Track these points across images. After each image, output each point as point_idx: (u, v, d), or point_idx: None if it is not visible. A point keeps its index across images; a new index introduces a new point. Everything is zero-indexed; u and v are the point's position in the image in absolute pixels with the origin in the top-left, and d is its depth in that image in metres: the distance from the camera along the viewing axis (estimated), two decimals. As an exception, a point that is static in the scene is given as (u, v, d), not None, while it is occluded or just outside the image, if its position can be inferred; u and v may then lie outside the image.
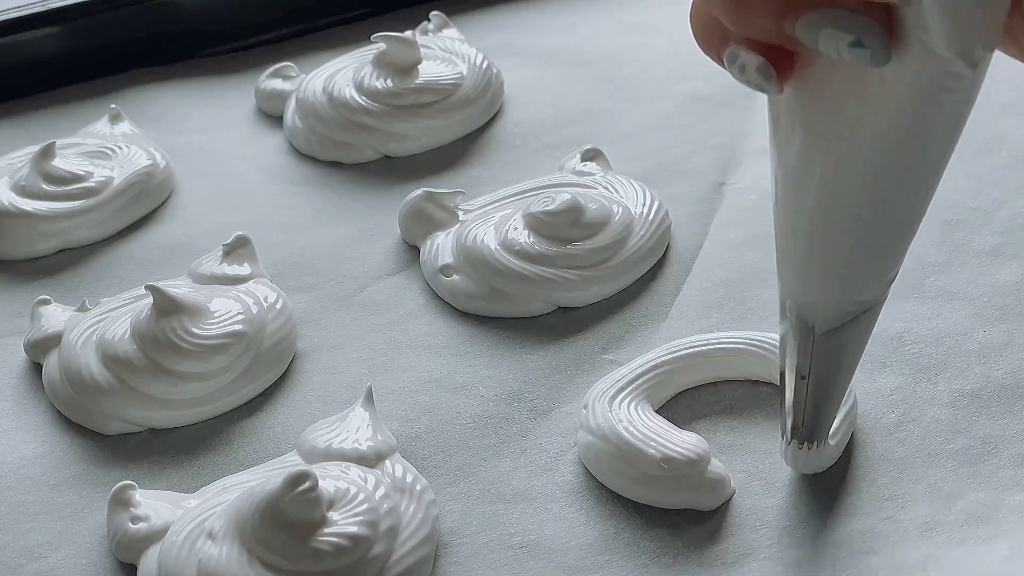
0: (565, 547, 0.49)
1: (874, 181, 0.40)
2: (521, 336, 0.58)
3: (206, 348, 0.55)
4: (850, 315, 0.45)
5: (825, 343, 0.45)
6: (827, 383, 0.47)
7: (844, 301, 0.44)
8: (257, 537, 0.46)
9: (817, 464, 0.49)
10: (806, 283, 0.44)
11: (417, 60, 0.70)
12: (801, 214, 0.42)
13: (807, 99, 0.40)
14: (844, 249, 0.43)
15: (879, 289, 0.44)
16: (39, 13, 0.74)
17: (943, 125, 0.39)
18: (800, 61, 0.39)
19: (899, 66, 0.37)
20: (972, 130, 0.65)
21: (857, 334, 0.46)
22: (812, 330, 0.45)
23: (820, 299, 0.44)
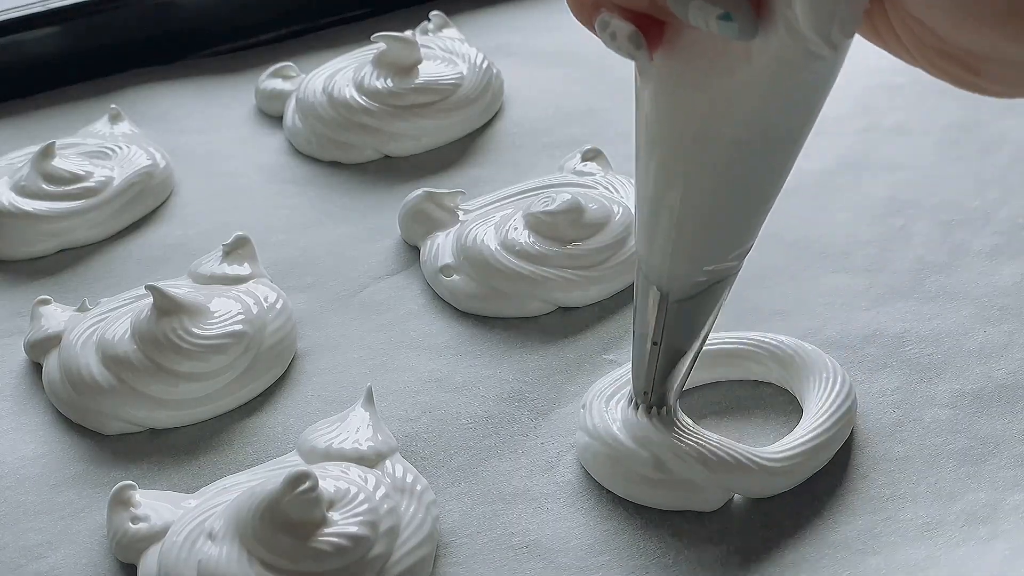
0: (565, 547, 0.49)
1: (732, 156, 0.41)
2: (521, 336, 0.58)
3: (206, 348, 0.55)
4: (703, 285, 0.46)
5: (677, 311, 0.46)
6: (678, 350, 0.48)
7: (698, 272, 0.45)
8: (257, 537, 0.46)
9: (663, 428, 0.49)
10: (662, 253, 0.45)
11: (417, 60, 0.70)
12: (659, 185, 0.43)
13: (673, 70, 0.40)
14: (700, 222, 0.44)
15: (732, 261, 0.45)
16: (39, 13, 0.74)
17: (802, 104, 0.40)
18: (669, 31, 0.39)
19: (763, 42, 0.37)
20: (972, 130, 0.66)
21: (709, 303, 0.47)
22: (666, 298, 0.46)
23: (675, 269, 0.45)
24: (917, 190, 0.63)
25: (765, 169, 0.42)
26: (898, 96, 0.69)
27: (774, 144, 0.41)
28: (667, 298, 0.46)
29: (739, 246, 0.45)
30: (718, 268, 0.45)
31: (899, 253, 0.60)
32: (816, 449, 0.50)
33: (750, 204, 0.43)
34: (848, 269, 0.59)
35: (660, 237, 0.44)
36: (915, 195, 0.63)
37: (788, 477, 0.49)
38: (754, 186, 0.43)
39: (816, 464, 0.50)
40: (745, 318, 0.57)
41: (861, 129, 0.68)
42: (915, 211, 0.62)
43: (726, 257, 0.45)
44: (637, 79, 0.42)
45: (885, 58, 0.75)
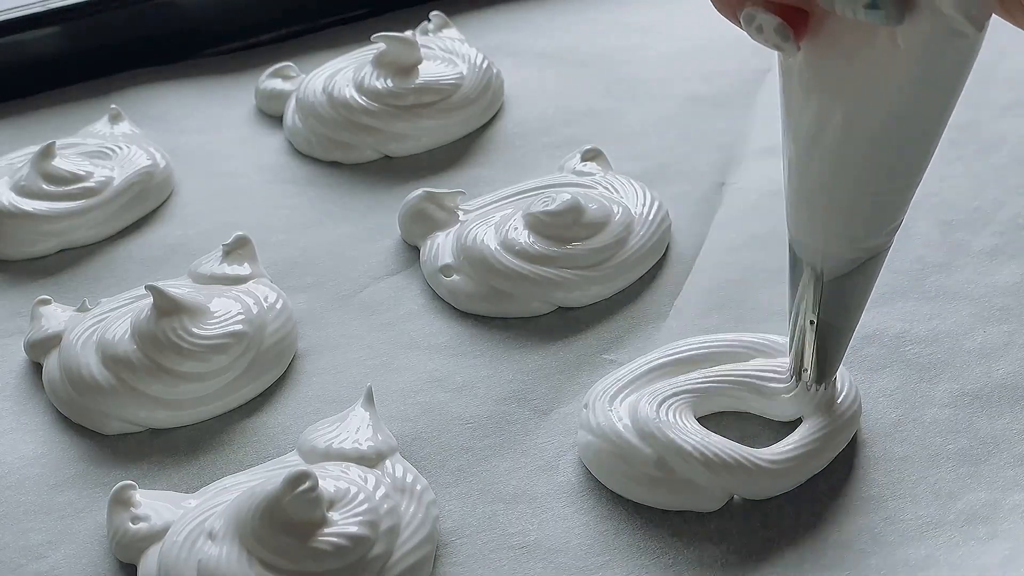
0: (565, 547, 0.49)
1: (882, 136, 0.42)
2: (521, 336, 0.58)
3: (206, 348, 0.55)
4: (857, 262, 0.47)
5: (833, 289, 0.47)
6: (834, 328, 0.49)
7: (852, 249, 0.46)
8: (257, 537, 0.46)
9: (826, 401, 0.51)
10: (815, 232, 0.46)
11: (417, 60, 0.70)
12: (811, 168, 0.44)
13: (819, 58, 0.41)
14: (853, 199, 0.45)
15: (885, 236, 0.46)
16: (39, 13, 0.74)
17: (947, 83, 0.41)
18: (813, 21, 0.41)
19: (908, 26, 0.39)
20: (972, 130, 0.66)
21: (864, 280, 0.47)
22: (821, 276, 0.47)
23: (829, 247, 0.46)
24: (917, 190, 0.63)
25: (911, 148, 0.43)
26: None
27: (919, 124, 0.42)
28: (822, 276, 0.47)
29: (891, 222, 0.46)
30: (871, 245, 0.46)
31: (899, 253, 0.60)
32: (818, 451, 0.50)
33: (899, 182, 0.44)
34: (848, 269, 0.59)
35: (812, 216, 0.46)
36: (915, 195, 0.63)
37: (790, 478, 0.49)
38: (901, 164, 0.44)
39: (818, 465, 0.50)
40: (745, 318, 0.57)
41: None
42: (915, 211, 0.62)
43: (879, 234, 0.46)
44: (782, 62, 0.43)
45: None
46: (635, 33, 0.77)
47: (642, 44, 0.76)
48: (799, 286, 0.48)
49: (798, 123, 0.44)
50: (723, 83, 0.72)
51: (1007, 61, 0.70)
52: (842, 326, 0.49)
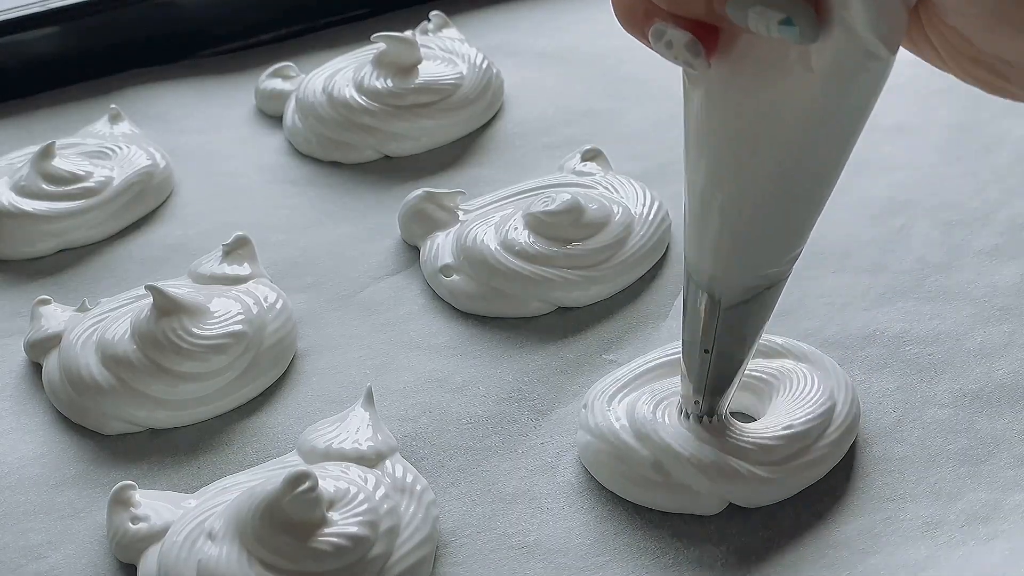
0: (565, 547, 0.49)
1: (785, 159, 0.41)
2: (521, 336, 0.58)
3: (206, 348, 0.55)
4: (755, 290, 0.46)
5: (729, 317, 0.46)
6: (730, 356, 0.48)
7: (750, 276, 0.45)
8: (257, 537, 0.46)
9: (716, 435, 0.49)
10: (715, 258, 0.45)
11: (417, 60, 0.70)
12: (713, 191, 0.43)
13: (726, 74, 0.40)
14: (753, 226, 0.43)
15: (784, 265, 0.45)
16: (39, 13, 0.74)
17: (856, 109, 0.40)
18: (723, 37, 0.39)
19: (821, 46, 0.37)
20: (972, 130, 0.66)
21: (760, 309, 0.46)
22: (718, 304, 0.46)
23: (727, 274, 0.45)
24: (917, 190, 0.63)
25: (817, 172, 0.42)
26: (898, 96, 0.69)
27: (826, 147, 0.41)
28: (719, 304, 0.46)
29: (791, 250, 0.45)
30: (770, 272, 0.45)
31: (899, 253, 0.60)
32: (817, 461, 0.49)
33: (802, 208, 0.43)
34: (848, 269, 0.59)
35: (711, 242, 0.44)
36: (915, 195, 0.63)
37: (787, 487, 0.49)
38: (806, 190, 0.43)
39: (816, 474, 0.50)
40: (745, 318, 0.57)
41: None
42: (915, 211, 0.62)
43: (779, 262, 0.45)
44: (686, 83, 0.42)
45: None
46: (635, 33, 0.77)
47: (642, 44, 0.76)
48: (693, 314, 0.47)
49: (700, 145, 0.43)
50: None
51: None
52: (736, 356, 0.48)
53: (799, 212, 0.43)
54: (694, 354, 0.48)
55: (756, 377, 0.52)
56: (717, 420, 0.49)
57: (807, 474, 0.49)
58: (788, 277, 0.46)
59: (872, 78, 0.39)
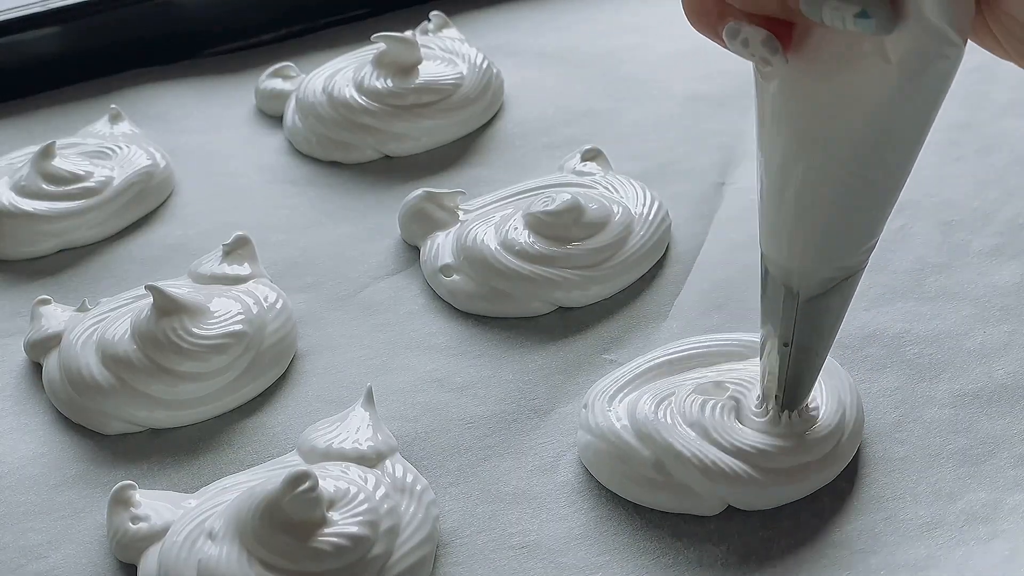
0: (565, 547, 0.49)
1: (863, 153, 0.41)
2: (521, 336, 0.58)
3: (206, 348, 0.55)
4: (832, 282, 0.46)
5: (808, 310, 0.46)
6: (809, 350, 0.48)
7: (827, 268, 0.45)
8: (257, 537, 0.46)
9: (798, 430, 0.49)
10: (791, 251, 0.45)
11: (417, 60, 0.70)
12: (789, 187, 0.43)
13: (802, 70, 0.40)
14: (830, 218, 0.44)
15: (861, 255, 0.45)
16: (39, 13, 0.74)
17: (929, 99, 0.40)
18: (797, 31, 0.40)
19: (896, 36, 0.38)
20: (972, 130, 0.66)
21: (839, 300, 0.46)
22: (796, 297, 0.46)
23: (804, 266, 0.45)
24: (917, 190, 0.63)
25: (891, 163, 0.42)
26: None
27: (899, 138, 0.41)
28: (798, 297, 0.46)
29: (867, 240, 0.45)
30: (847, 264, 0.45)
31: (899, 253, 0.60)
32: (821, 464, 0.49)
33: (877, 198, 0.44)
34: (848, 269, 0.59)
35: (788, 235, 0.45)
36: (915, 195, 0.63)
37: (788, 491, 0.49)
38: (880, 180, 0.43)
39: (820, 480, 0.49)
40: (746, 318, 0.57)
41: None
42: (915, 211, 0.62)
43: (855, 252, 0.45)
44: (758, 78, 0.42)
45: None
46: (635, 33, 0.77)
47: (642, 44, 0.76)
48: (772, 308, 0.47)
49: (774, 141, 0.43)
50: (723, 83, 0.72)
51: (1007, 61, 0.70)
52: (816, 348, 0.48)
53: (874, 202, 0.44)
54: (774, 349, 0.48)
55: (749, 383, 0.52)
56: (797, 416, 0.49)
57: (811, 480, 0.49)
58: (865, 268, 0.46)
59: (946, 66, 0.39)
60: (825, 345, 0.48)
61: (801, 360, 0.48)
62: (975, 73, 0.70)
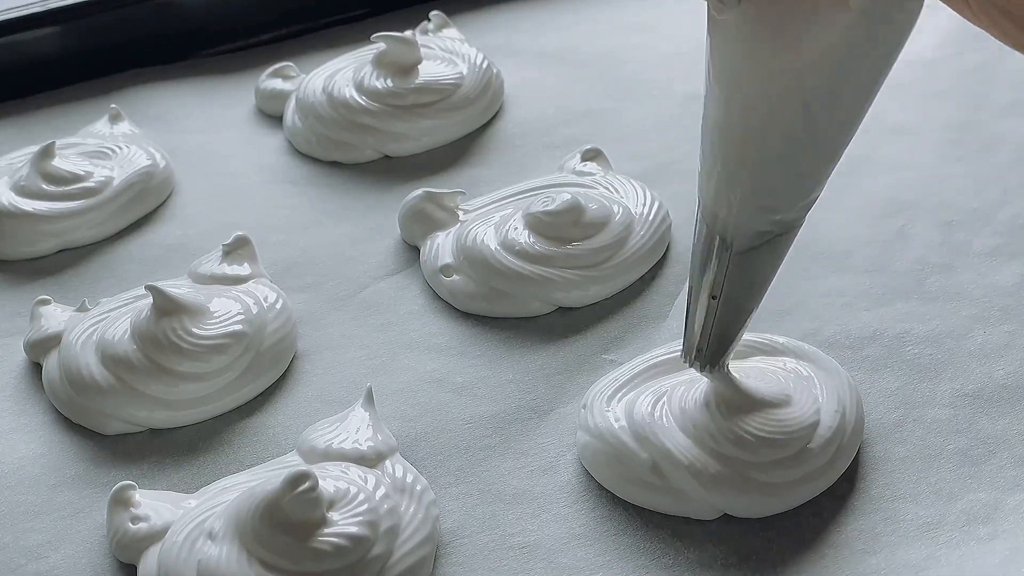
0: (565, 547, 0.49)
1: (808, 105, 0.42)
2: (521, 336, 0.58)
3: (206, 348, 0.55)
4: (767, 235, 0.46)
5: (740, 263, 0.46)
6: (737, 305, 0.48)
7: (763, 221, 0.45)
8: (257, 537, 0.46)
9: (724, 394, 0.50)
10: (729, 201, 0.45)
11: (417, 60, 0.70)
12: (735, 135, 0.43)
13: (756, 16, 0.40)
14: (772, 169, 0.44)
15: (799, 211, 0.46)
16: (39, 13, 0.74)
17: (886, 49, 0.41)
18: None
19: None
20: (972, 130, 0.66)
21: (772, 256, 0.47)
22: (729, 248, 0.46)
23: (741, 217, 0.45)
24: (917, 190, 0.63)
25: (841, 115, 0.43)
26: (898, 96, 0.69)
27: (853, 89, 0.42)
28: (730, 248, 0.46)
29: (806, 196, 0.45)
30: (784, 219, 0.46)
31: (899, 253, 0.60)
32: (818, 472, 0.49)
33: (821, 154, 0.44)
34: (848, 269, 0.59)
35: (729, 186, 0.45)
36: (915, 195, 0.63)
37: (784, 500, 0.49)
38: (828, 132, 0.43)
39: (818, 487, 0.49)
40: (745, 318, 0.57)
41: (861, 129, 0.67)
42: (915, 211, 0.62)
43: (793, 207, 0.45)
44: (711, 25, 0.42)
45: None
46: (635, 33, 0.77)
47: (642, 44, 0.76)
48: (703, 259, 0.47)
49: (727, 88, 0.43)
50: (723, 83, 0.72)
51: (1007, 61, 0.70)
52: (743, 304, 0.48)
53: (817, 157, 0.44)
54: (700, 301, 0.48)
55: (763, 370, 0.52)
56: (718, 372, 0.49)
57: (809, 488, 0.49)
58: (801, 226, 0.46)
59: (905, 18, 0.39)
60: (754, 302, 0.48)
61: (727, 314, 0.48)
62: (975, 73, 0.70)
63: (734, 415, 0.49)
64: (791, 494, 0.49)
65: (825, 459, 0.49)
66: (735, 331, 0.48)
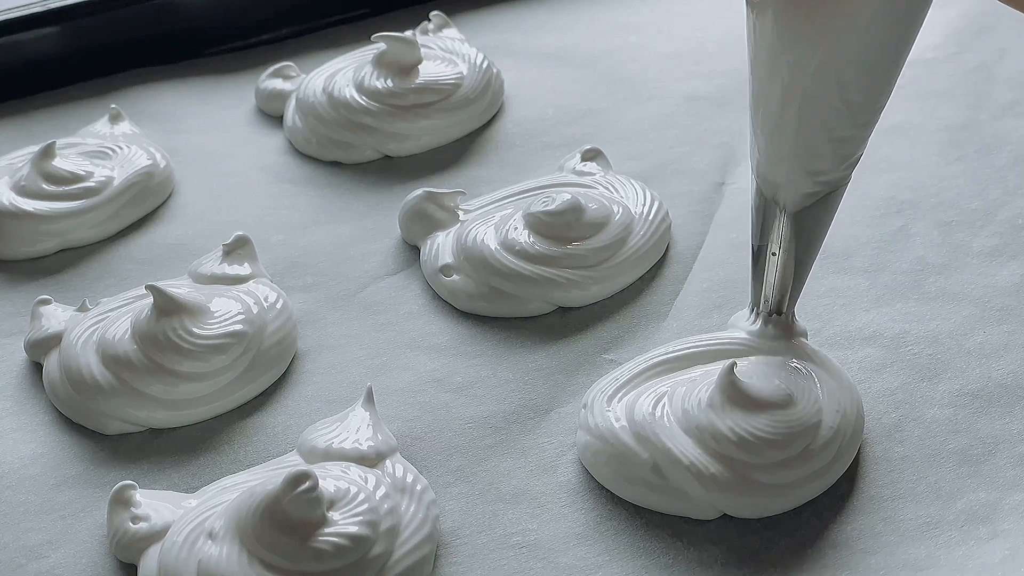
0: (565, 547, 0.49)
1: (848, 74, 0.45)
2: (521, 336, 0.58)
3: (206, 348, 0.55)
4: (818, 195, 0.49)
5: (794, 222, 0.50)
6: (796, 259, 0.51)
7: (813, 183, 0.49)
8: (257, 537, 0.46)
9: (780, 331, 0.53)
10: (780, 168, 0.48)
11: (417, 60, 0.70)
12: (779, 109, 0.46)
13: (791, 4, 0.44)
14: (817, 136, 0.47)
15: (844, 170, 0.49)
16: (39, 13, 0.74)
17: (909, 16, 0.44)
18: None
19: None
20: (972, 130, 0.66)
21: (824, 212, 0.50)
22: (784, 209, 0.49)
23: (789, 180, 0.49)
24: (917, 190, 0.63)
25: (874, 83, 0.46)
26: (898, 96, 0.69)
27: (881, 62, 0.45)
28: (784, 209, 0.49)
29: (851, 156, 0.48)
30: (832, 179, 0.49)
31: (899, 253, 0.60)
32: (818, 474, 0.49)
33: (859, 119, 0.47)
34: (848, 269, 0.59)
35: (779, 155, 0.48)
36: (915, 195, 0.63)
37: (784, 501, 0.49)
38: (860, 104, 0.46)
39: (819, 487, 0.49)
40: (745, 318, 0.57)
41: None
42: (915, 211, 0.62)
43: (839, 167, 0.48)
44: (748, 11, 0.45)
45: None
46: (635, 33, 0.77)
47: (642, 44, 0.76)
48: (761, 220, 0.50)
49: (769, 68, 0.46)
50: (723, 83, 0.72)
51: (1007, 61, 0.70)
52: (803, 258, 0.51)
53: (856, 122, 0.47)
54: (762, 257, 0.51)
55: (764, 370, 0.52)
56: (785, 318, 0.53)
57: (809, 489, 0.49)
58: (849, 182, 0.49)
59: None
60: (811, 254, 0.51)
61: (787, 268, 0.51)
62: (975, 73, 0.70)
63: (736, 415, 0.49)
64: (792, 495, 0.49)
65: (826, 460, 0.49)
66: (798, 282, 0.52)
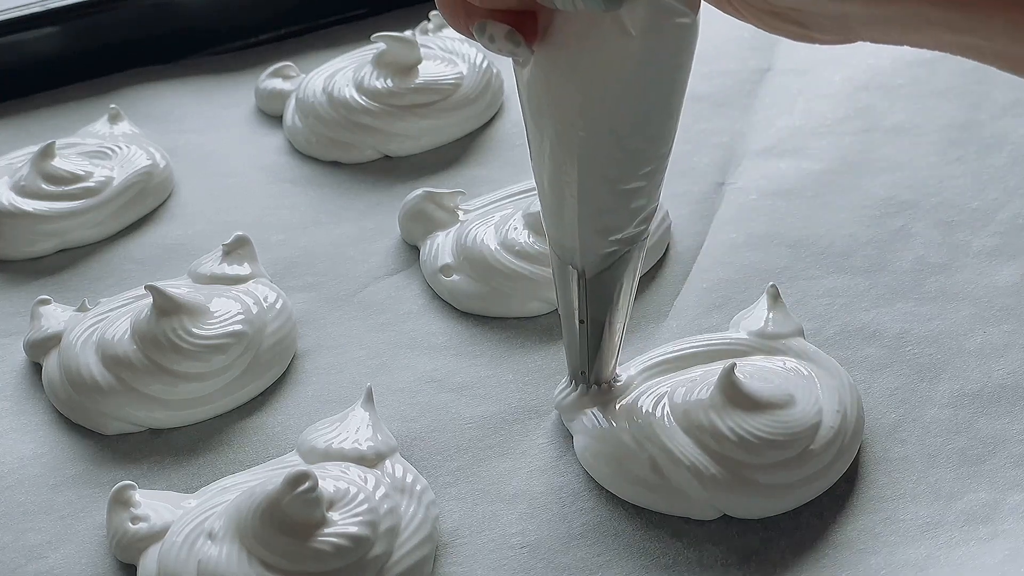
0: (565, 547, 0.49)
1: (620, 124, 0.44)
2: (521, 336, 0.58)
3: (206, 348, 0.55)
4: (615, 256, 0.48)
5: (596, 286, 0.48)
6: (602, 324, 0.49)
7: (605, 243, 0.47)
8: (257, 537, 0.46)
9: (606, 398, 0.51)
10: (570, 232, 0.47)
11: (417, 60, 0.70)
12: (559, 169, 0.45)
13: (550, 56, 0.43)
14: (600, 194, 0.46)
15: (638, 226, 0.47)
16: (39, 13, 0.74)
17: (673, 65, 0.43)
18: (542, 21, 0.42)
19: (630, 9, 0.40)
20: (972, 130, 0.66)
21: (623, 273, 0.48)
22: (583, 274, 0.48)
23: (584, 245, 0.47)
24: (917, 190, 0.63)
25: (649, 134, 0.44)
26: (898, 96, 0.69)
27: (653, 107, 0.44)
28: (583, 274, 0.48)
29: (640, 212, 0.47)
30: (627, 235, 0.47)
31: (899, 253, 0.60)
32: (818, 475, 0.49)
33: (640, 171, 0.45)
34: (848, 269, 0.59)
35: (565, 217, 0.47)
36: (915, 195, 0.63)
37: (784, 502, 0.49)
38: (641, 152, 0.45)
39: (819, 488, 0.49)
40: (745, 318, 0.57)
41: (861, 129, 0.68)
42: (915, 211, 0.62)
43: (631, 223, 0.47)
44: (516, 72, 0.44)
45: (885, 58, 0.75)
46: (635, 33, 0.77)
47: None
48: (563, 288, 0.49)
49: (541, 128, 0.45)
50: (723, 83, 0.72)
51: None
52: (610, 322, 0.49)
53: (638, 173, 0.45)
54: (572, 327, 0.50)
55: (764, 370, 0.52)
56: (607, 387, 0.51)
57: (809, 490, 0.49)
58: (647, 239, 0.48)
59: (683, 35, 0.42)
60: (617, 318, 0.50)
61: (597, 335, 0.50)
62: (975, 73, 0.70)
63: (736, 416, 0.49)
64: (792, 495, 0.49)
65: (826, 460, 0.49)
66: (610, 348, 0.50)
